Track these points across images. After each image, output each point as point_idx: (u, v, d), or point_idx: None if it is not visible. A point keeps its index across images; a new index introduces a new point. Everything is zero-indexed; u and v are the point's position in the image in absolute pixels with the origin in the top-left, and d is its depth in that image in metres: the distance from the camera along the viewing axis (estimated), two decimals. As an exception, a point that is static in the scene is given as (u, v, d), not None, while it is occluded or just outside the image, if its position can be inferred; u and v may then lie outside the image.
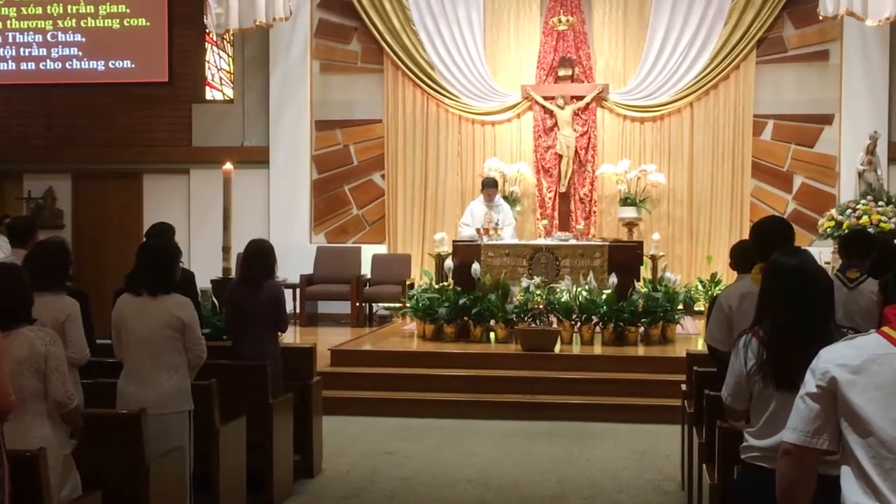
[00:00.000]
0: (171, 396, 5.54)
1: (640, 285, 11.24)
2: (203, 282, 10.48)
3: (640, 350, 10.60)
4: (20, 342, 4.30)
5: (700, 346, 10.57)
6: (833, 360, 2.74)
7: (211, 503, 5.89)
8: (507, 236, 12.26)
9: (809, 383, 2.78)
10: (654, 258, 12.28)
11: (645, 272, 11.99)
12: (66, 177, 15.26)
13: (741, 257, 5.89)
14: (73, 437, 4.56)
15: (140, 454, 5.00)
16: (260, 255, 7.00)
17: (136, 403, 5.37)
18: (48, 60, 15.27)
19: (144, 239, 6.93)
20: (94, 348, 5.76)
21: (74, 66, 15.20)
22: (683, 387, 7.45)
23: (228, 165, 10.06)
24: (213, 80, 15.25)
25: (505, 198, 13.45)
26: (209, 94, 15.24)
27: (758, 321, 3.87)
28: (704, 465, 5.38)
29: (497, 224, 12.20)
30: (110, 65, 15.12)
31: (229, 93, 15.18)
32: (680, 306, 11.37)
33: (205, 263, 12.64)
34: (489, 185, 12.74)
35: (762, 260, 5.26)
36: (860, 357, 2.70)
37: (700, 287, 13.05)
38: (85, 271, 13.94)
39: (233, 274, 9.74)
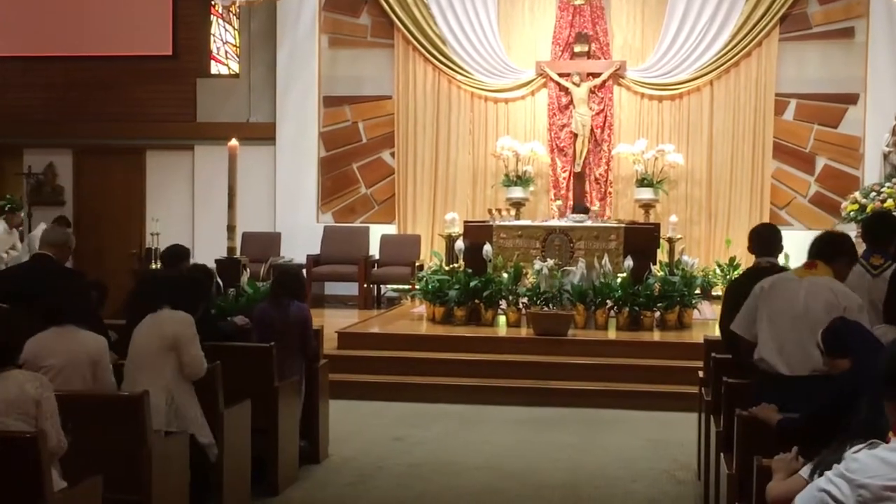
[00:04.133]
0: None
1: (656, 269, 11.14)
2: (207, 261, 10.26)
3: (656, 335, 10.50)
4: (9, 383, 4.20)
5: (717, 331, 10.40)
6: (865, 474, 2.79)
7: (215, 488, 5.78)
8: None
9: (839, 485, 2.85)
10: (671, 241, 12.26)
11: (661, 255, 11.96)
12: (67, 152, 15.04)
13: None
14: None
15: (142, 437, 4.93)
16: (290, 278, 7.29)
17: None
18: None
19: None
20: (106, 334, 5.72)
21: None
22: (700, 373, 7.30)
23: (234, 142, 9.84)
24: (218, 53, 15.02)
25: (518, 177, 13.19)
26: (214, 68, 15.01)
27: None
28: (722, 455, 5.29)
29: None
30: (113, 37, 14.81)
31: (235, 67, 14.95)
32: (697, 291, 11.23)
33: (209, 242, 12.44)
34: None
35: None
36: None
37: (718, 271, 12.92)
38: (86, 249, 13.70)
39: (238, 253, 9.67)
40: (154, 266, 12.42)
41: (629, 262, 10.82)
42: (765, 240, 6.19)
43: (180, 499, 5.28)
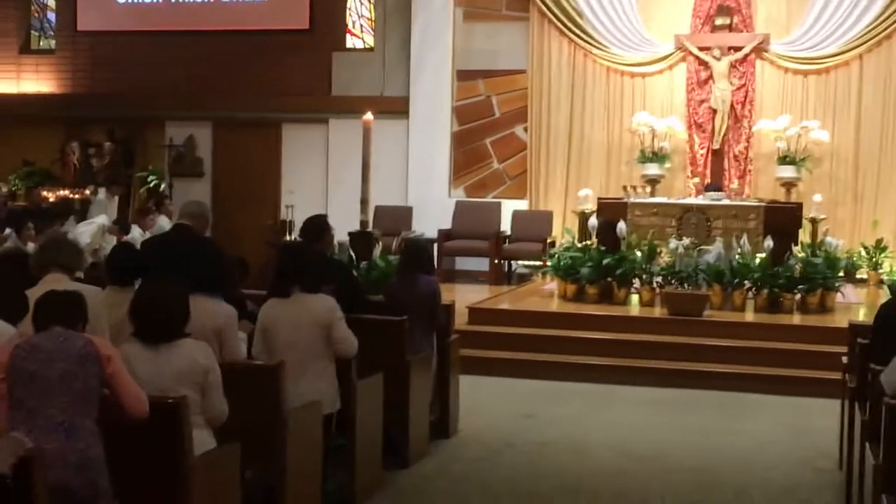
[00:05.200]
0: None
1: (797, 250, 10.88)
2: (340, 234, 10.37)
3: (796, 318, 10.22)
4: (179, 354, 4.36)
5: (862, 315, 10.09)
6: None
7: (347, 461, 5.80)
8: None
9: None
10: (814, 221, 11.99)
11: (804, 236, 11.65)
12: (207, 125, 15.38)
13: None
14: None
15: (278, 406, 4.96)
16: (417, 252, 7.29)
17: None
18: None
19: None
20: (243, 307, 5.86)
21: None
22: (844, 359, 7.09)
23: (369, 115, 9.87)
24: (353, 27, 15.12)
25: (654, 153, 12.94)
26: (349, 41, 15.13)
27: None
28: (868, 444, 5.09)
29: None
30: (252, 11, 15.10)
31: (370, 41, 15.03)
32: (841, 273, 10.90)
33: (342, 215, 12.53)
34: None
35: None
36: None
37: (864, 254, 12.45)
38: (223, 220, 14.03)
39: (370, 227, 9.73)
40: (288, 238, 12.65)
41: (769, 243, 10.56)
42: None
43: (314, 469, 5.31)
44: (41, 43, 16.39)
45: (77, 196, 15.17)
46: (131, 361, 4.35)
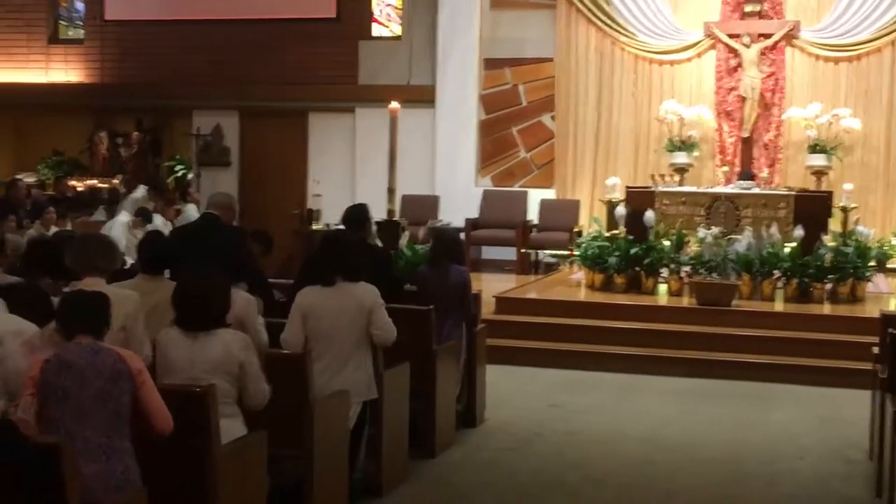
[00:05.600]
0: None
1: (828, 238, 10.74)
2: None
3: (826, 308, 10.13)
4: (215, 344, 4.41)
5: (893, 305, 9.97)
6: None
7: (373, 450, 5.80)
8: None
9: None
10: (844, 210, 11.87)
11: (834, 225, 11.52)
12: (234, 114, 15.42)
13: None
14: None
15: (305, 394, 4.97)
16: (448, 241, 7.32)
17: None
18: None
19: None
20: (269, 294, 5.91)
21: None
22: (875, 349, 6.96)
23: (395, 104, 9.86)
24: (380, 15, 15.12)
25: (682, 142, 12.84)
26: (376, 30, 15.11)
27: None
28: None
29: None
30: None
31: (397, 29, 15.01)
32: (872, 263, 10.75)
33: (369, 205, 12.53)
34: None
35: None
36: None
37: (895, 243, 12.23)
38: (250, 209, 14.07)
39: (397, 216, 9.69)
40: (315, 227, 12.67)
41: (799, 232, 10.49)
42: None
43: (340, 456, 5.31)
44: (69, 33, 16.49)
45: (105, 185, 15.28)
46: (168, 347, 4.43)
